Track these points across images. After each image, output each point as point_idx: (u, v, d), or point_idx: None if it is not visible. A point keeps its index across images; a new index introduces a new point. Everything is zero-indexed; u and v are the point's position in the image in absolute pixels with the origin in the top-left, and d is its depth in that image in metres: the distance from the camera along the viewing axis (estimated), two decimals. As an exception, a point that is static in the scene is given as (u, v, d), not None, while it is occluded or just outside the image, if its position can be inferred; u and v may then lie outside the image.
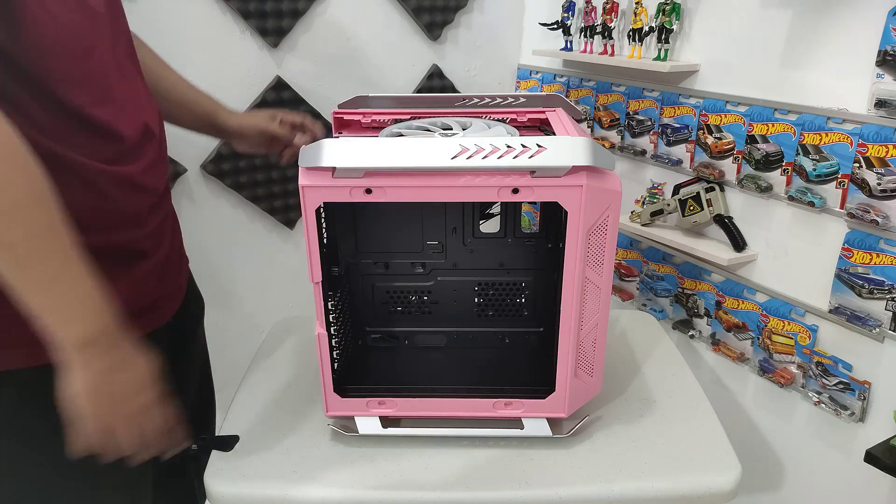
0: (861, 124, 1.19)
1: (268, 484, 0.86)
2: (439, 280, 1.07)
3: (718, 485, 0.87)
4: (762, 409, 1.51)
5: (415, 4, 1.76)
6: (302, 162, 0.78)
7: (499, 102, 1.04)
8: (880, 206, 1.19)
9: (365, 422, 0.93)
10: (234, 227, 1.71)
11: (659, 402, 1.02)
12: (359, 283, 1.06)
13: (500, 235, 1.04)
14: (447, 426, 0.94)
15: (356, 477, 0.87)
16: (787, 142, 1.32)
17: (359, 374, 1.01)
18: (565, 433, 0.92)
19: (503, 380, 1.01)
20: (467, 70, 1.95)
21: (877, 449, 1.17)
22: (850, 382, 1.29)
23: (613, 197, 0.79)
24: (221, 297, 1.76)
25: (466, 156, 0.76)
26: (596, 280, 0.84)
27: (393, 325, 1.10)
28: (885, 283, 1.20)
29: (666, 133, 1.58)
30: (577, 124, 0.93)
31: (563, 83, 1.88)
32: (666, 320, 1.69)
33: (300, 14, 1.61)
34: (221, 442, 0.93)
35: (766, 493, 1.54)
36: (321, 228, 0.85)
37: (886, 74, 1.14)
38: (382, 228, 1.04)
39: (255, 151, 1.16)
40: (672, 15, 1.47)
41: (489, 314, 1.09)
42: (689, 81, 1.52)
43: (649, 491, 0.85)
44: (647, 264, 1.72)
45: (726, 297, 1.51)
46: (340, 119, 1.01)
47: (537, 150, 0.75)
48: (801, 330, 1.36)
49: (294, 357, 1.15)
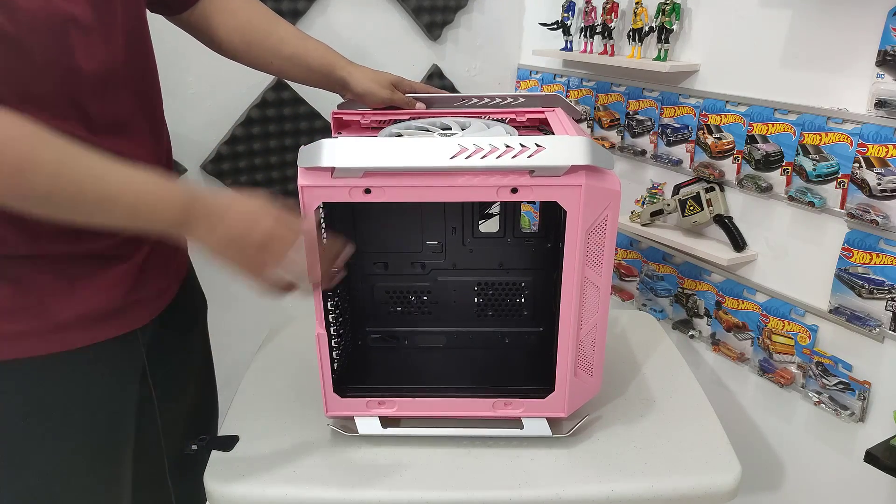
0: (861, 124, 1.19)
1: (268, 484, 0.86)
2: (439, 280, 1.07)
3: (718, 485, 0.87)
4: (762, 409, 1.51)
5: (415, 4, 1.76)
6: (301, 162, 0.78)
7: (498, 102, 1.04)
8: (880, 206, 1.19)
9: (365, 422, 0.93)
10: (234, 227, 1.71)
11: (659, 402, 1.02)
12: (358, 283, 1.06)
13: (499, 235, 1.04)
14: (447, 426, 0.94)
15: (356, 477, 0.87)
16: (787, 142, 1.32)
17: (358, 375, 1.01)
18: (565, 433, 0.92)
19: (503, 380, 1.01)
20: (467, 70, 1.95)
21: (877, 449, 1.17)
22: (850, 382, 1.29)
23: (612, 196, 0.79)
24: (221, 297, 1.75)
25: (465, 156, 0.76)
26: (595, 280, 0.84)
27: (392, 325, 1.10)
28: (885, 283, 1.20)
29: (666, 133, 1.58)
30: (576, 124, 0.93)
31: (563, 83, 1.88)
32: (666, 320, 1.69)
33: (300, 14, 1.61)
34: (221, 442, 0.93)
35: (766, 493, 1.54)
36: (321, 228, 0.85)
37: (886, 74, 1.14)
38: (382, 228, 1.04)
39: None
40: (672, 15, 1.47)
41: (489, 314, 1.09)
42: (689, 81, 1.52)
43: (649, 491, 0.85)
44: (647, 264, 1.72)
45: (726, 297, 1.51)
46: (339, 119, 1.01)
47: (536, 150, 0.75)
48: (801, 330, 1.36)
49: (294, 357, 1.15)
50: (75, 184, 0.65)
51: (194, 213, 0.71)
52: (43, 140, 0.64)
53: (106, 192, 0.67)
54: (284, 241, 0.74)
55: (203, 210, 0.71)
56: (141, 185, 0.69)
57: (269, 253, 0.73)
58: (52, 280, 0.77)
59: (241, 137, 1.62)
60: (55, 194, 0.65)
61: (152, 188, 0.70)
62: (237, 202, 0.74)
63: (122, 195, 0.68)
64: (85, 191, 0.66)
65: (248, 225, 0.72)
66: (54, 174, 0.64)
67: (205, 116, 1.57)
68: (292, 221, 0.75)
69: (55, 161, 0.64)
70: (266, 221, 0.73)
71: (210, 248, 0.72)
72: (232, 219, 0.72)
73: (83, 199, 0.66)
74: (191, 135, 1.56)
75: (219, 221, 0.72)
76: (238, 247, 0.72)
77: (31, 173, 0.63)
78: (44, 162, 0.64)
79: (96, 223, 0.68)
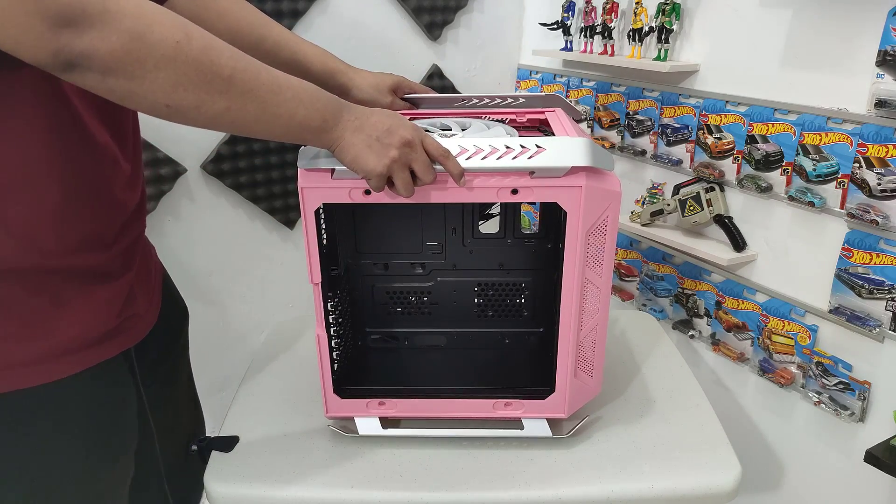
0: (861, 124, 1.19)
1: (267, 484, 0.86)
2: (439, 281, 1.07)
3: (718, 485, 0.87)
4: (762, 409, 1.51)
5: (415, 4, 1.76)
6: (301, 163, 0.78)
7: (498, 103, 1.04)
8: (880, 206, 1.19)
9: (365, 422, 0.93)
10: (234, 227, 1.71)
11: (659, 402, 1.02)
12: (358, 283, 1.06)
13: (499, 236, 1.04)
14: (447, 427, 0.94)
15: (356, 477, 0.87)
16: (787, 142, 1.32)
17: (358, 375, 1.01)
18: (565, 433, 0.92)
19: (503, 380, 1.01)
20: (467, 70, 1.95)
21: (877, 449, 1.17)
22: (850, 382, 1.29)
23: (613, 197, 0.79)
24: (221, 297, 1.76)
25: (465, 156, 0.76)
26: (596, 280, 0.84)
27: (392, 326, 1.10)
28: (885, 283, 1.20)
29: (666, 133, 1.58)
30: (576, 125, 0.93)
31: (563, 83, 1.88)
32: (666, 320, 1.69)
33: (300, 14, 1.61)
34: (221, 442, 0.93)
35: (766, 493, 1.54)
36: (321, 229, 0.85)
37: (886, 74, 1.14)
38: (382, 229, 1.04)
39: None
40: (672, 15, 1.46)
41: (489, 315, 1.09)
42: (689, 81, 1.52)
43: (649, 491, 0.85)
44: (647, 264, 1.72)
45: (726, 297, 1.51)
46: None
47: (536, 151, 0.76)
48: (801, 330, 1.36)
49: (294, 357, 1.15)
50: (251, 69, 0.66)
51: (345, 110, 0.74)
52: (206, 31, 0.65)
53: (275, 78, 0.68)
54: (416, 144, 0.77)
55: (352, 110, 0.75)
56: (298, 80, 0.71)
57: (407, 148, 0.76)
58: (47, 302, 0.73)
59: (241, 137, 1.62)
60: (236, 77, 0.64)
61: (308, 85, 0.72)
62: (379, 112, 0.77)
63: (289, 83, 0.70)
64: (261, 76, 0.67)
65: (388, 127, 0.76)
66: (233, 56, 0.65)
67: (205, 116, 1.57)
68: (420, 131, 0.78)
69: (227, 47, 0.65)
70: (403, 130, 0.76)
71: (352, 143, 0.74)
72: (376, 121, 0.76)
73: (259, 84, 0.66)
74: (191, 135, 1.56)
75: (366, 120, 0.75)
76: (381, 144, 0.75)
77: (217, 52, 0.63)
78: (222, 46, 0.64)
79: (263, 118, 0.68)
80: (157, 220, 1.55)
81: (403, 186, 0.77)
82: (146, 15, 0.59)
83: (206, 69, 0.62)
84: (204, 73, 0.62)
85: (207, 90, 0.63)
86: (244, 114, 0.67)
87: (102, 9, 0.56)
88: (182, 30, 0.61)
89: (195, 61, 0.61)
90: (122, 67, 0.58)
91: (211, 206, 1.65)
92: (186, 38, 0.61)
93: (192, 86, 0.62)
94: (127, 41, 0.57)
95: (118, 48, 0.57)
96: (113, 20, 0.56)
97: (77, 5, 0.55)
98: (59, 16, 0.54)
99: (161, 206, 1.56)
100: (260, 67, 0.68)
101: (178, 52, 0.60)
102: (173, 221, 1.60)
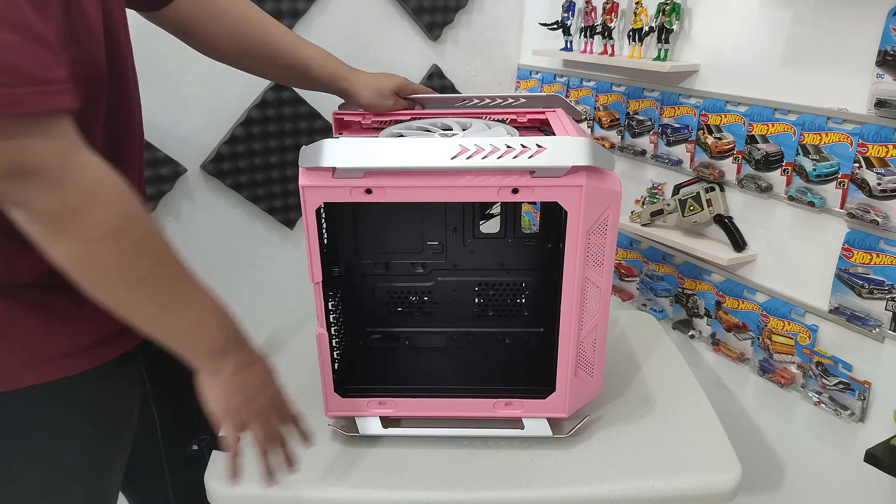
0: (861, 124, 1.19)
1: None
2: (439, 280, 1.07)
3: (718, 485, 0.87)
4: (762, 409, 1.51)
5: (415, 4, 1.76)
6: (302, 162, 0.78)
7: (499, 103, 1.04)
8: (880, 206, 1.19)
9: (365, 422, 0.93)
10: (234, 227, 1.71)
11: (659, 402, 1.02)
12: (359, 283, 1.06)
13: (500, 236, 1.04)
14: (447, 426, 0.94)
15: (356, 477, 0.87)
16: (787, 142, 1.32)
17: (359, 375, 1.01)
18: (565, 433, 0.92)
19: (503, 380, 1.01)
20: (467, 70, 1.95)
21: (877, 449, 1.17)
22: (850, 382, 1.29)
23: (613, 197, 0.79)
24: (221, 297, 1.76)
25: (466, 156, 0.76)
26: (596, 280, 0.84)
27: (393, 326, 1.10)
28: (885, 283, 1.20)
29: (666, 133, 1.58)
30: (576, 124, 0.93)
31: (563, 83, 1.88)
32: (666, 320, 1.69)
33: (300, 14, 1.61)
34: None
35: (766, 493, 1.54)
36: (321, 229, 0.85)
37: (886, 74, 1.14)
38: (382, 229, 1.04)
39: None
40: (672, 15, 1.46)
41: (489, 314, 1.09)
42: (689, 81, 1.52)
43: (649, 491, 0.85)
44: (647, 264, 1.72)
45: (726, 297, 1.51)
46: (340, 120, 1.02)
47: (537, 151, 0.76)
48: (801, 330, 1.36)
49: (294, 357, 1.15)
50: (170, 280, 0.66)
51: (238, 344, 0.73)
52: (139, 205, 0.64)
53: (187, 294, 0.68)
54: (278, 412, 0.79)
55: (241, 352, 0.74)
56: (212, 298, 0.71)
57: (264, 413, 0.77)
58: (67, 301, 0.74)
59: (241, 137, 1.62)
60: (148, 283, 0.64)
61: (220, 304, 0.72)
62: (264, 362, 0.77)
63: (202, 301, 0.69)
64: (172, 289, 0.66)
65: (265, 382, 0.76)
66: (160, 262, 0.65)
67: (205, 116, 1.57)
68: (286, 403, 0.81)
69: (163, 250, 0.65)
70: (275, 390, 0.78)
71: (223, 383, 0.73)
72: (257, 368, 0.76)
73: (168, 295, 0.66)
74: (191, 135, 1.56)
75: (246, 364, 0.74)
76: (246, 393, 0.74)
77: (146, 252, 0.63)
78: (157, 248, 0.64)
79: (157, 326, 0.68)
80: (157, 220, 1.55)
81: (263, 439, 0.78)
82: (97, 193, 0.59)
83: (125, 265, 0.62)
84: (121, 267, 0.62)
85: (117, 279, 0.63)
86: (141, 312, 0.66)
87: (58, 175, 0.57)
88: (124, 220, 0.61)
89: (120, 253, 0.61)
90: (51, 225, 0.58)
91: (211, 206, 1.65)
92: (121, 230, 0.61)
93: (103, 269, 0.62)
94: (65, 211, 0.58)
95: (56, 212, 0.58)
96: (62, 188, 0.57)
97: (37, 163, 0.56)
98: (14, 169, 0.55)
99: (161, 206, 1.56)
100: (182, 280, 0.67)
101: (107, 237, 0.60)
102: (173, 221, 1.60)
